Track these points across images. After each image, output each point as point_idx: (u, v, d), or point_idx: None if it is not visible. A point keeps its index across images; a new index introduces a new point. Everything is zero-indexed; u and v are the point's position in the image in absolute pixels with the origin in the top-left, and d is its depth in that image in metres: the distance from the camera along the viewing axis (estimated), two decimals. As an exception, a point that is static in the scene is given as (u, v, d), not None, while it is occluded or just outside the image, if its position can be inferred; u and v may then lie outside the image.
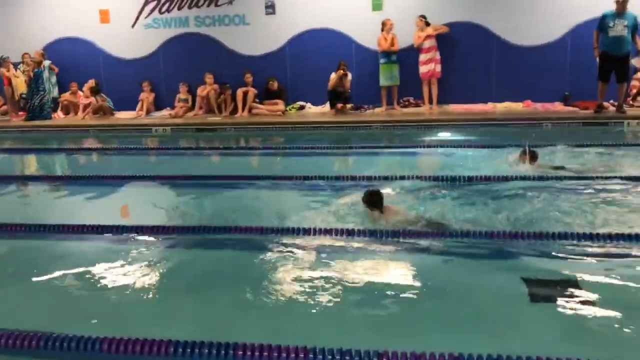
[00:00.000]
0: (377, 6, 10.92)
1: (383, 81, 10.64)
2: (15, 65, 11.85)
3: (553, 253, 3.71)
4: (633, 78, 10.10)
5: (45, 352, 2.66)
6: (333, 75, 10.47)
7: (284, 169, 7.39)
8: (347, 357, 2.42)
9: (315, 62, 11.18)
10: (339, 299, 3.18)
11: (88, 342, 2.63)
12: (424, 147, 8.26)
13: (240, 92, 11.01)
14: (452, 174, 5.75)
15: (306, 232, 4.11)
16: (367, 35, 10.89)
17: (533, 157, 5.86)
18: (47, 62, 11.70)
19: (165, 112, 11.56)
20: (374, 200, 4.44)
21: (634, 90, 10.18)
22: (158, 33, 11.67)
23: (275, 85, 11.02)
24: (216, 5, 11.33)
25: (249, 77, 11.05)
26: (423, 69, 10.52)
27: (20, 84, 11.69)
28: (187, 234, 4.42)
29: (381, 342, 2.54)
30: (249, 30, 11.37)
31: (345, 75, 10.41)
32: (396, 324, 2.94)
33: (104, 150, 9.39)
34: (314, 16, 11.10)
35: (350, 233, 4.05)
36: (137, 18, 11.65)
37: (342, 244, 3.97)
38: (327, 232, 4.09)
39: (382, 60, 10.56)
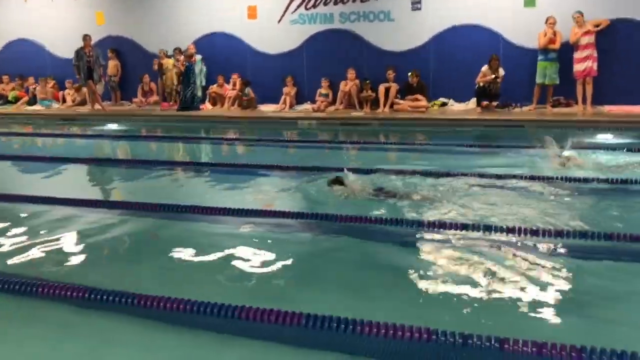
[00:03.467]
0: (529, 2, 11.22)
1: (538, 79, 10.94)
2: (168, 58, 13.37)
3: None
4: None
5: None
6: (484, 69, 10.93)
7: (427, 164, 7.42)
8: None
9: (460, 59, 11.71)
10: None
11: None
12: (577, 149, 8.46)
13: (382, 87, 11.75)
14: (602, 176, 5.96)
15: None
16: (517, 32, 11.26)
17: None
18: (198, 57, 13.15)
19: (307, 106, 12.57)
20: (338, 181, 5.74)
21: None
22: (303, 29, 12.72)
23: (416, 80, 11.66)
24: (362, 2, 12.16)
25: (391, 74, 11.75)
26: (578, 67, 10.67)
27: (171, 76, 13.21)
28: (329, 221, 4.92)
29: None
30: (393, 26, 12.09)
31: (497, 70, 10.86)
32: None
33: (251, 140, 10.44)
34: (461, 12, 11.61)
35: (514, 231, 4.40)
36: (284, 14, 12.77)
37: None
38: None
39: (540, 57, 10.86)
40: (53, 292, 3.57)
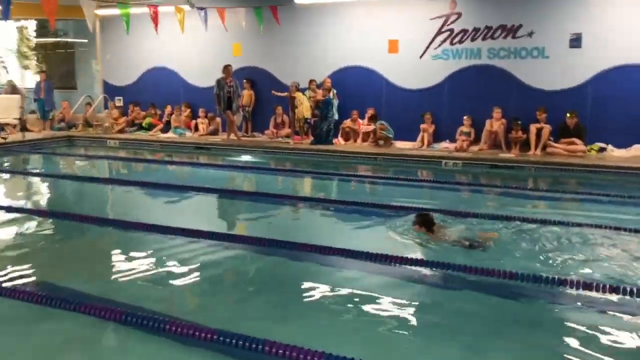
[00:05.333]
0: None
1: None
2: (302, 91, 13.36)
3: None
4: None
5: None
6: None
7: (585, 217, 6.86)
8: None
9: (622, 101, 10.92)
10: None
11: None
12: None
13: (533, 128, 11.10)
14: None
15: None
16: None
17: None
18: (333, 90, 13.07)
19: (446, 145, 12.11)
20: (425, 220, 5.56)
21: None
22: (446, 64, 12.34)
23: (574, 121, 10.92)
24: (514, 37, 11.64)
25: (541, 114, 11.11)
26: None
27: (305, 109, 13.17)
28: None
29: None
30: (547, 63, 11.46)
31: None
32: None
33: (388, 179, 10.06)
34: (625, 51, 10.81)
35: None
36: (427, 49, 12.47)
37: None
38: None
39: None
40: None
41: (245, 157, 12.43)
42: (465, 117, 11.96)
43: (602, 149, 11.04)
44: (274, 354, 3.17)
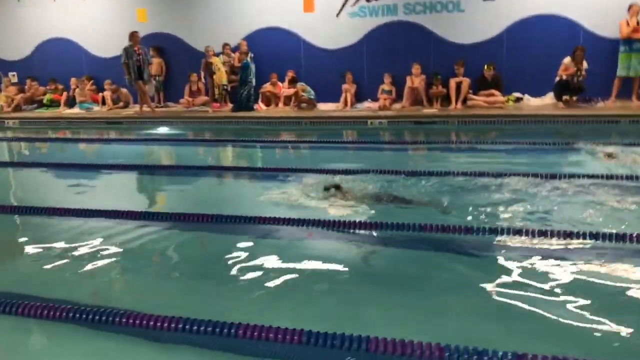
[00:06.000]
0: (614, -11, 10.76)
1: (620, 71, 10.48)
2: (217, 55, 12.84)
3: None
4: None
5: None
6: (567, 61, 10.45)
7: (511, 165, 7.01)
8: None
9: (536, 51, 11.26)
10: None
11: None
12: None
13: (453, 82, 11.26)
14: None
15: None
16: (600, 22, 10.79)
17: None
18: (250, 54, 12.64)
19: (369, 104, 12.09)
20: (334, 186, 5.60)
21: None
22: (364, 22, 12.22)
23: (492, 73, 11.17)
24: (429, -8, 11.69)
25: (459, 68, 11.28)
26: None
27: (223, 75, 12.70)
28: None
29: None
30: (463, 17, 11.61)
31: (581, 62, 10.38)
32: None
33: (316, 142, 9.96)
34: (537, 1, 11.13)
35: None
36: (343, 6, 12.28)
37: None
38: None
39: (622, 49, 10.41)
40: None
41: (162, 129, 11.86)
42: (385, 75, 11.94)
43: (518, 99, 11.41)
44: (248, 337, 2.96)
